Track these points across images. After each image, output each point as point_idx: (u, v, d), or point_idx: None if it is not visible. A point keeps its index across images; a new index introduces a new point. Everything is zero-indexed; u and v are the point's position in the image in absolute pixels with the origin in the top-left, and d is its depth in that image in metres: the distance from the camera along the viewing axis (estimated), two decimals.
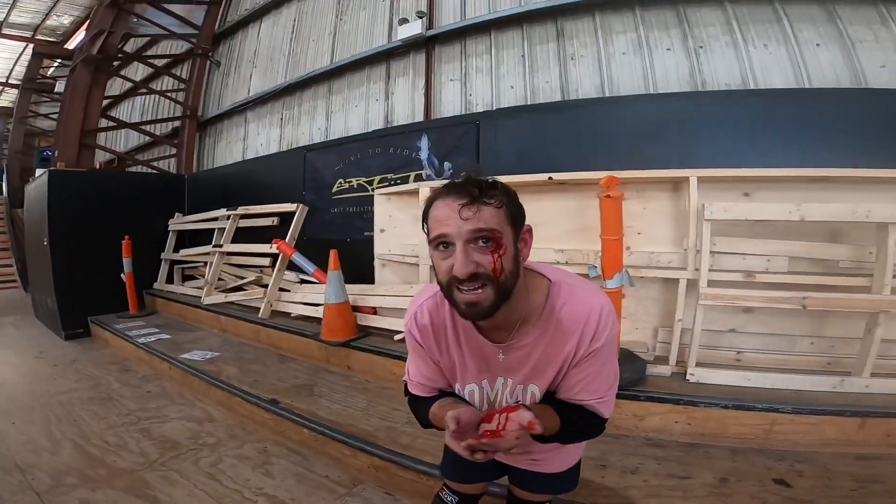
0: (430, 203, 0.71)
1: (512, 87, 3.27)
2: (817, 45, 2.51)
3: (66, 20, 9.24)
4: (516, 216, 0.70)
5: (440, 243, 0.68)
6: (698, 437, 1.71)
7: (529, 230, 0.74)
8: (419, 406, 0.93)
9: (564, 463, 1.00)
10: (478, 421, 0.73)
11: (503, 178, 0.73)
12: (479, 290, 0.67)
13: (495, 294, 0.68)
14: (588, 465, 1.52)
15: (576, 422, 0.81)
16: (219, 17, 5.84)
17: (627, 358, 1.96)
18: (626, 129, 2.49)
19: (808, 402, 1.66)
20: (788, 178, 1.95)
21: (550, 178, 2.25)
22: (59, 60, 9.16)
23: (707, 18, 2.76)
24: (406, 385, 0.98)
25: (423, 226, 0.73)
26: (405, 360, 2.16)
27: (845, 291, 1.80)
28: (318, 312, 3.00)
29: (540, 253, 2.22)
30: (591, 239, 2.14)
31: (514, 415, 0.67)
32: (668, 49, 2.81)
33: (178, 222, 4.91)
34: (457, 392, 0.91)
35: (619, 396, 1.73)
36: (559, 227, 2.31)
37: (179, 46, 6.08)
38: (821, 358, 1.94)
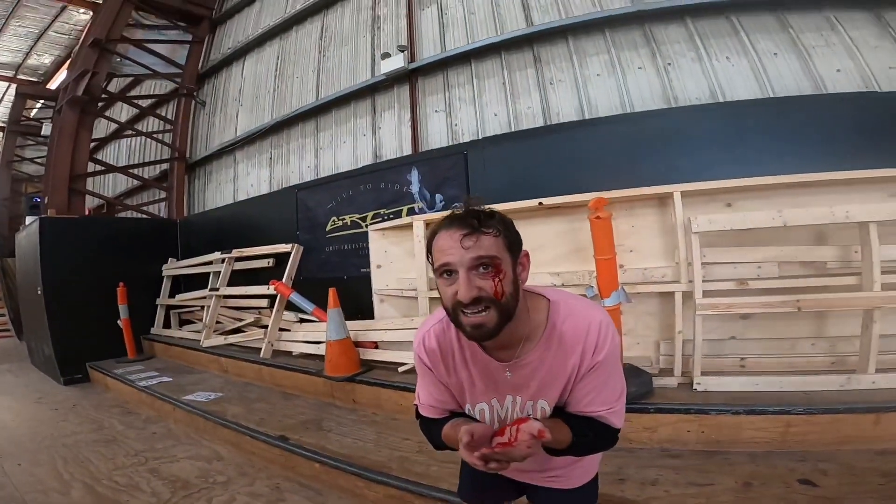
0: (433, 235, 0.76)
1: (496, 114, 3.37)
2: (775, 54, 2.64)
3: (47, 59, 9.29)
4: (513, 243, 0.75)
5: (444, 271, 0.73)
6: (714, 444, 1.72)
7: (527, 255, 0.79)
8: (431, 428, 0.94)
9: (582, 477, 1.01)
10: (490, 435, 0.74)
11: (495, 207, 0.80)
12: (483, 313, 0.71)
13: (498, 315, 0.72)
14: (606, 479, 1.51)
15: (588, 433, 0.83)
16: (202, 56, 5.94)
17: (632, 372, 1.98)
18: (608, 149, 2.58)
19: (819, 402, 1.68)
20: (767, 186, 2.03)
21: (541, 203, 2.32)
22: (42, 101, 9.16)
23: (672, 35, 2.90)
24: (417, 409, 1.00)
25: (427, 257, 0.77)
26: (412, 392, 2.16)
27: (837, 291, 1.86)
28: (319, 350, 3.00)
29: (536, 277, 2.25)
30: (586, 260, 2.20)
31: (524, 425, 0.69)
32: (639, 68, 2.95)
33: (173, 267, 4.89)
34: (467, 412, 0.93)
35: (628, 410, 1.76)
36: (553, 250, 2.36)
37: (164, 86, 6.13)
38: (824, 358, 1.98)
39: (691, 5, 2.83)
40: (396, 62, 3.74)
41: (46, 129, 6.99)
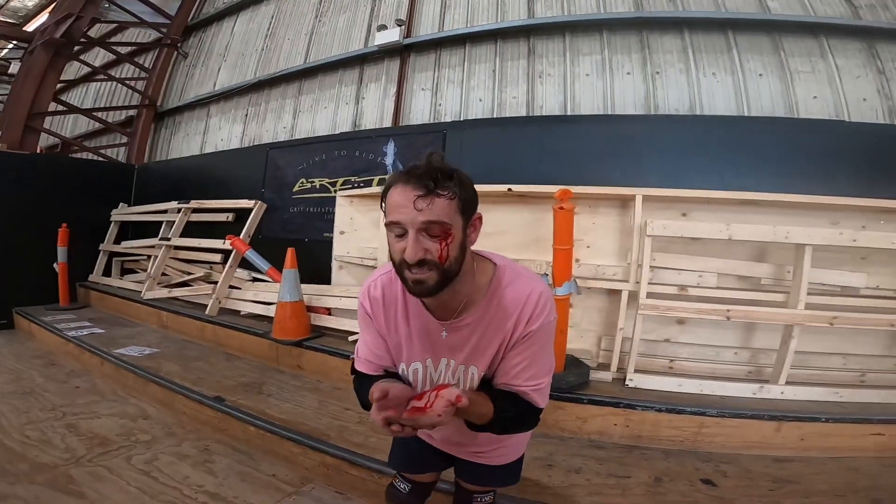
0: (389, 186, 0.75)
1: (480, 99, 3.37)
2: (760, 75, 2.73)
3: (31, 2, 8.68)
4: (468, 205, 0.76)
5: (394, 229, 0.74)
6: (635, 438, 1.81)
7: (479, 218, 0.80)
8: (362, 385, 0.93)
9: (506, 457, 1.04)
10: (408, 398, 0.73)
11: None
12: (426, 273, 0.73)
13: (439, 277, 0.74)
14: (536, 464, 1.58)
15: (510, 409, 0.83)
16: (194, 8, 5.68)
17: (573, 363, 2.04)
18: (584, 147, 2.62)
19: (731, 406, 1.80)
20: (721, 200, 2.12)
21: (510, 189, 2.33)
22: (14, 42, 8.52)
23: (667, 45, 2.96)
24: (353, 365, 0.99)
25: (381, 205, 0.77)
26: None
27: (765, 306, 1.97)
28: (269, 311, 2.90)
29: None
30: (545, 250, 2.23)
31: (443, 392, 0.69)
32: (627, 73, 3.00)
33: (123, 213, 4.61)
34: (401, 372, 0.93)
35: (564, 399, 1.84)
36: (515, 237, 2.38)
37: (147, 35, 5.84)
38: (743, 367, 2.12)
39: (694, 18, 2.89)
40: (392, 35, 3.67)
41: (15, 69, 6.52)
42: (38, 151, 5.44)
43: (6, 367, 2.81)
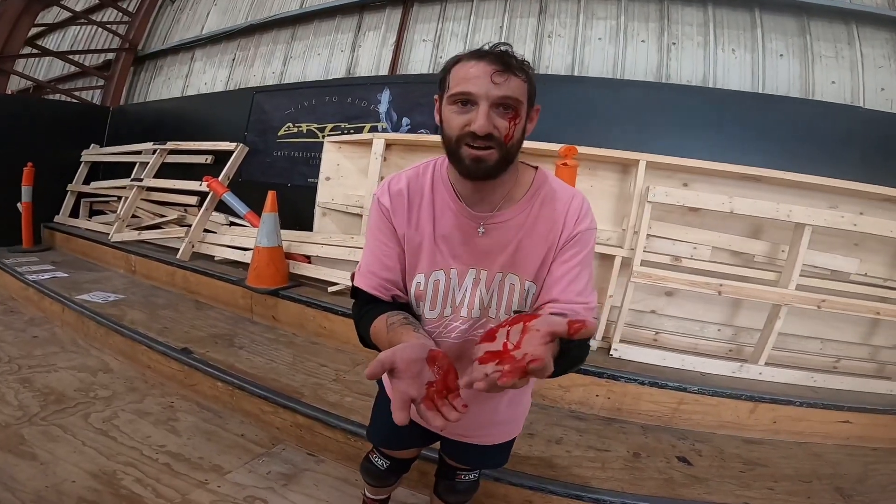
0: (456, 60, 0.70)
1: None
2: (781, 55, 2.66)
3: None
4: (532, 94, 0.72)
5: (462, 100, 0.67)
6: (615, 411, 1.78)
7: (538, 109, 0.75)
8: (364, 312, 0.77)
9: (501, 437, 0.94)
10: (422, 358, 0.57)
11: None
12: (488, 150, 0.68)
13: (500, 156, 0.68)
14: None
15: (571, 340, 0.67)
16: None
17: None
18: (588, 109, 2.52)
19: (710, 384, 1.77)
20: (723, 173, 2.06)
21: None
22: None
23: (687, 17, 2.84)
24: (353, 285, 0.82)
25: (440, 81, 0.72)
26: (339, 314, 1.98)
27: (756, 283, 1.93)
28: (245, 258, 2.76)
29: None
30: None
31: (534, 322, 0.49)
32: (642, 41, 2.89)
33: (94, 153, 4.34)
34: (414, 290, 0.78)
35: None
36: None
37: None
38: (725, 344, 2.10)
39: None
40: None
41: None
42: (10, 93, 5.16)
43: None
